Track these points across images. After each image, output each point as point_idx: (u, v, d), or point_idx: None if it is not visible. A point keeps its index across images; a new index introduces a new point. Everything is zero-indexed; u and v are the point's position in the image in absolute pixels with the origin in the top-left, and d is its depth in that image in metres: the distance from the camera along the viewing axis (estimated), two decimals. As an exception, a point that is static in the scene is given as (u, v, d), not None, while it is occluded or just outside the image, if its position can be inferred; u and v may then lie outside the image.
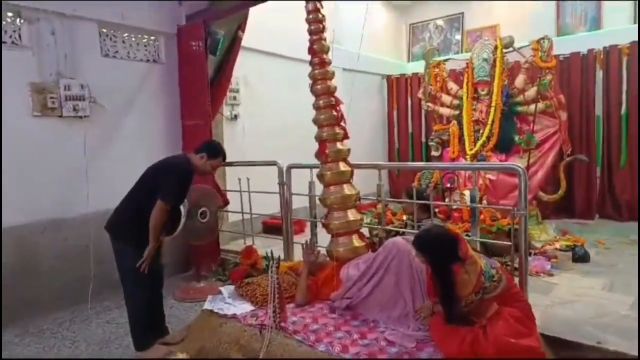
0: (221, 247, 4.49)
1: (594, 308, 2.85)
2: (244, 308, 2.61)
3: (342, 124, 2.92)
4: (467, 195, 4.32)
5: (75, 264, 3.67)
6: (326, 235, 2.98)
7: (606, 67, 5.43)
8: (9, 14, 3.42)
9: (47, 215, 3.60)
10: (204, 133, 4.22)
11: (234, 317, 2.51)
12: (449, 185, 4.58)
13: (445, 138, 5.23)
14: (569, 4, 6.06)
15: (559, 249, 4.09)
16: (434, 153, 5.37)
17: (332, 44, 3.05)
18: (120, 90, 4.07)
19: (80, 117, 3.75)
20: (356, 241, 2.86)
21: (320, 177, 2.93)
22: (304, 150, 3.50)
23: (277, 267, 2.31)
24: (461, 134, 4.93)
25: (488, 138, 4.69)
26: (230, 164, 4.12)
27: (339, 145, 2.89)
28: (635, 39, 5.19)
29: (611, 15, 5.73)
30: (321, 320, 2.38)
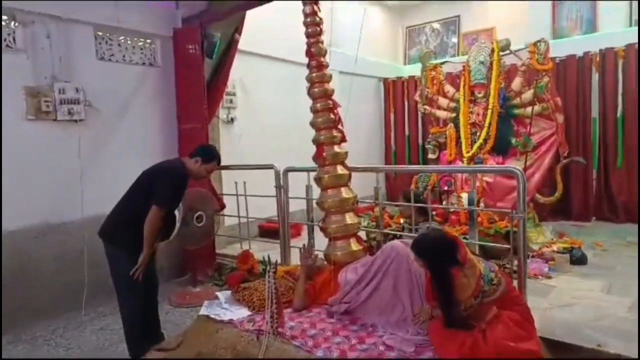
0: (217, 252, 4.47)
1: (592, 310, 2.84)
2: (240, 313, 2.58)
3: (339, 127, 2.91)
4: (464, 198, 4.32)
5: (69, 269, 3.62)
6: (323, 238, 2.96)
7: (602, 69, 5.45)
8: (3, 17, 3.39)
9: (41, 220, 3.56)
10: (201, 136, 4.20)
11: (230, 322, 2.48)
12: (446, 188, 4.57)
13: (442, 141, 5.23)
14: (564, 7, 6.08)
15: (557, 251, 4.08)
16: (430, 156, 5.36)
17: (330, 47, 3.04)
18: (116, 93, 4.04)
19: (75, 120, 3.72)
20: (354, 245, 2.84)
21: (317, 180, 2.91)
22: (301, 154, 3.48)
23: (274, 271, 2.28)
24: (458, 137, 4.94)
25: (485, 140, 4.70)
26: (227, 167, 4.11)
27: (336, 149, 2.88)
28: (631, 41, 5.21)
29: (606, 18, 5.76)
30: (319, 325, 2.35)
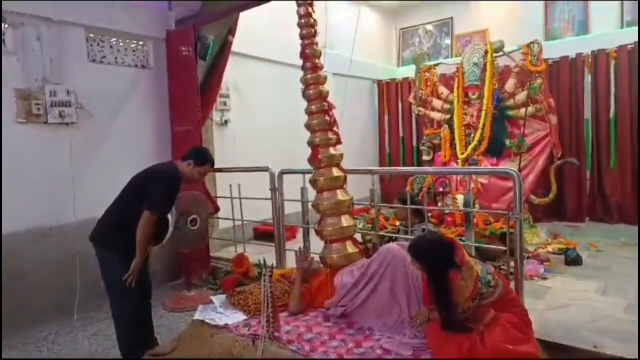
0: (212, 255, 4.43)
1: (589, 312, 2.84)
2: (236, 317, 2.55)
3: (334, 129, 2.89)
4: (459, 199, 4.32)
5: (61, 274, 3.56)
6: (319, 241, 2.94)
7: (594, 71, 5.49)
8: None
9: (32, 224, 3.50)
10: (194, 139, 4.16)
11: (225, 327, 2.45)
12: (441, 190, 4.56)
13: (436, 142, 5.23)
14: (557, 8, 6.12)
15: (552, 252, 4.09)
16: (425, 157, 5.36)
17: (324, 49, 3.02)
18: (108, 96, 3.99)
19: (66, 123, 3.67)
20: (350, 247, 2.83)
21: (313, 182, 2.90)
22: (295, 156, 3.46)
23: (270, 275, 2.26)
24: (452, 138, 4.94)
25: (479, 142, 4.71)
26: (221, 169, 4.07)
27: (331, 151, 2.86)
28: (622, 42, 5.25)
29: (598, 20, 5.80)
30: (315, 329, 2.33)
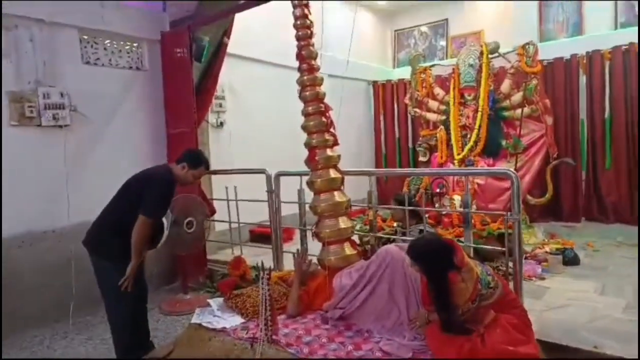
0: (208, 258, 4.39)
1: (588, 312, 2.84)
2: (233, 321, 2.52)
3: (331, 130, 2.88)
4: (456, 200, 4.32)
5: (55, 278, 3.52)
6: (317, 243, 2.91)
7: (589, 71, 5.51)
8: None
9: (26, 228, 3.46)
10: (190, 141, 4.14)
11: (223, 330, 2.42)
12: (438, 191, 4.56)
13: (432, 143, 5.24)
14: (551, 10, 6.14)
15: (549, 252, 4.10)
16: (421, 158, 5.37)
17: (320, 50, 3.01)
18: (102, 98, 3.96)
19: (60, 126, 3.63)
20: (348, 249, 2.80)
21: (310, 184, 2.88)
22: (292, 157, 3.44)
23: (268, 277, 2.23)
24: (448, 139, 4.95)
25: (475, 143, 4.72)
26: (217, 172, 4.04)
27: (329, 152, 2.84)
28: (617, 43, 5.28)
29: (592, 21, 5.83)
30: (314, 331, 2.31)
